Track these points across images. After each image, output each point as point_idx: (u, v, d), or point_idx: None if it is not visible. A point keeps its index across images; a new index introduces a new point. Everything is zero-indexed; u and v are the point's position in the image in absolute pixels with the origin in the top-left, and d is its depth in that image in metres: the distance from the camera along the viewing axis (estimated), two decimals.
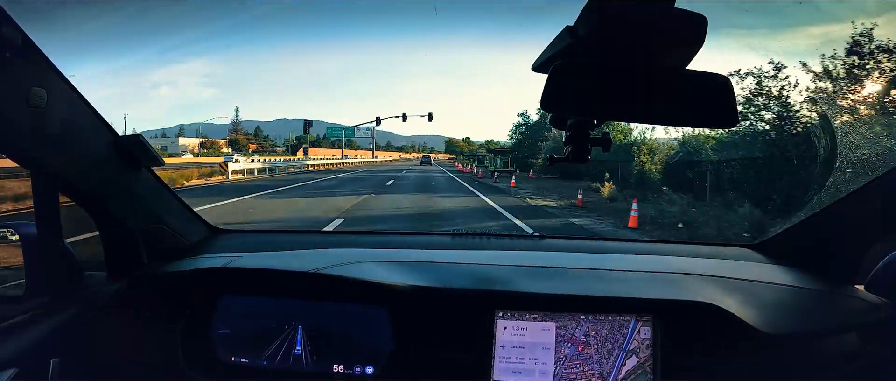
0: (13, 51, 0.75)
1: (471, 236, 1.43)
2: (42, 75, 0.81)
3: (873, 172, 1.10)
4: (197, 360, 1.02)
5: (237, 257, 1.16)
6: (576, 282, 1.06)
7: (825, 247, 1.18)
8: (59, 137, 0.86)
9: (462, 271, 1.11)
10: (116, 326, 1.04)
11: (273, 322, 1.03)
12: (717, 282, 1.09)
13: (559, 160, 0.80)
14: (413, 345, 1.00)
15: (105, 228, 1.06)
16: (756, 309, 1.00)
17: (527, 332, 0.98)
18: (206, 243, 1.30)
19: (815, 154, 4.51)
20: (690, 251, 1.40)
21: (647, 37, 0.64)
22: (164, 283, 1.07)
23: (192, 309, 1.04)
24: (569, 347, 0.98)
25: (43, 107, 0.81)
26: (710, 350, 0.98)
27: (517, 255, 1.28)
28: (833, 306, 1.09)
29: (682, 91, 0.64)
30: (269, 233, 1.74)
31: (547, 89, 0.62)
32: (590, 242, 1.54)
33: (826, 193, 1.37)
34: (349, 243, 1.43)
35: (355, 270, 1.06)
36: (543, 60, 0.70)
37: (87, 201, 0.98)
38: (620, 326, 0.98)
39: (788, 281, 1.14)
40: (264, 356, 1.02)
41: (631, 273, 1.13)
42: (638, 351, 0.98)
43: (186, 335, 1.03)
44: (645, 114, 0.67)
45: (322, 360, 1.01)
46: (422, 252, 1.28)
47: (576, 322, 0.98)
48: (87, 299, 1.03)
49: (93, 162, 0.93)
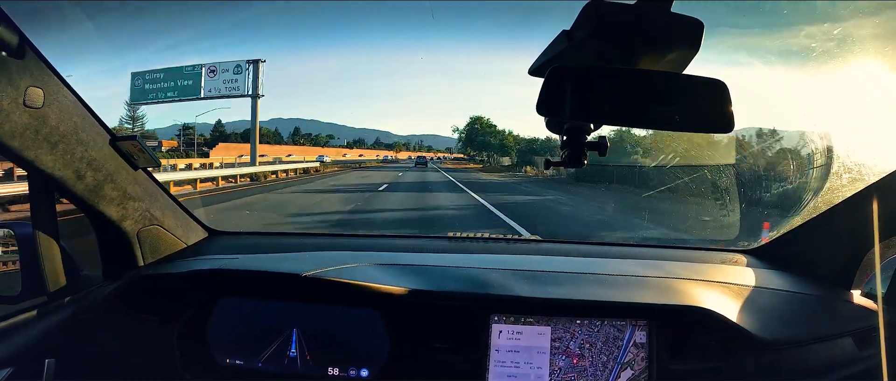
0: (10, 51, 0.75)
1: (467, 239, 1.43)
2: (39, 76, 0.81)
3: (869, 178, 1.11)
4: (192, 361, 1.02)
5: (233, 259, 1.16)
6: (572, 286, 1.06)
7: (820, 252, 1.19)
8: (56, 137, 0.85)
9: (458, 274, 1.11)
10: (112, 327, 1.03)
11: (269, 325, 1.03)
12: (712, 287, 1.09)
13: (555, 164, 0.81)
14: (408, 348, 0.99)
15: (101, 229, 1.06)
16: (751, 314, 1.00)
17: (522, 336, 0.98)
18: (202, 245, 1.30)
19: (811, 160, 4.51)
20: (687, 256, 1.41)
21: (644, 41, 0.64)
22: (159, 284, 1.07)
23: (188, 311, 1.04)
24: (563, 359, 0.98)
25: (40, 107, 0.81)
26: (705, 356, 0.98)
27: (513, 259, 1.28)
28: (828, 312, 1.10)
29: (679, 96, 0.64)
30: (266, 235, 1.74)
31: (543, 93, 0.62)
32: (586, 246, 1.54)
33: (821, 198, 1.37)
34: (346, 246, 1.43)
35: (352, 273, 1.06)
36: (540, 64, 0.70)
37: (84, 202, 0.98)
38: (616, 333, 0.98)
39: (784, 286, 1.14)
40: (260, 358, 1.02)
41: (627, 278, 1.13)
42: (633, 363, 0.98)
43: (182, 336, 1.02)
44: (641, 118, 0.67)
45: (318, 362, 1.01)
46: (418, 256, 1.28)
47: (571, 329, 0.98)
48: (82, 300, 1.03)
49: (89, 163, 0.93)
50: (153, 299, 1.06)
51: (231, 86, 21.82)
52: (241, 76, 21.85)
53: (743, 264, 1.30)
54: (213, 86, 21.94)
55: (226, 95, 22.07)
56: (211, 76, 21.99)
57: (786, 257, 1.27)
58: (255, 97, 21.76)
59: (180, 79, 22.20)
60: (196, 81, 22.05)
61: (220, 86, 21.92)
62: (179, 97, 22.48)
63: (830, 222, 1.16)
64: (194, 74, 22.13)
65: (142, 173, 1.07)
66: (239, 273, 1.07)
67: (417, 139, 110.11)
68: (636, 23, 0.64)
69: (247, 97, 22.04)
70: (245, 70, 21.82)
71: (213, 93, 21.95)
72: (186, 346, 1.02)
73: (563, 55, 0.67)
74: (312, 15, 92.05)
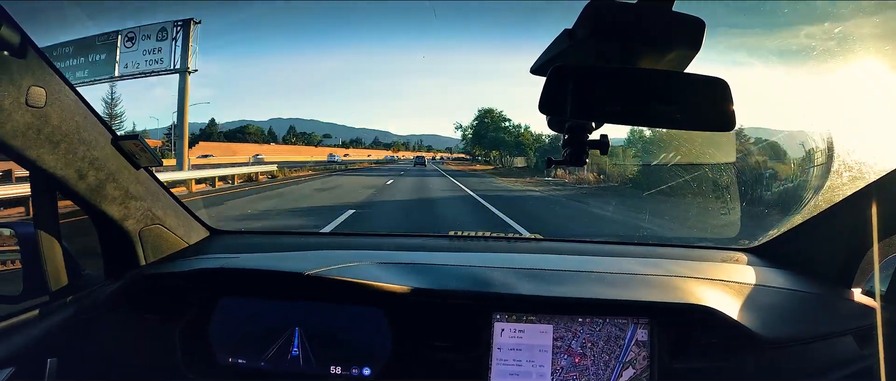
0: (12, 50, 0.75)
1: (468, 237, 1.43)
2: (41, 75, 0.81)
3: (869, 177, 1.11)
4: (194, 361, 1.02)
5: (235, 258, 1.16)
6: (573, 285, 1.07)
7: (821, 251, 1.19)
8: (58, 136, 0.86)
9: (460, 272, 1.11)
10: (114, 327, 1.03)
11: (271, 324, 1.03)
12: (713, 285, 1.10)
13: (557, 163, 0.81)
14: (410, 347, 1.00)
15: (103, 228, 1.06)
16: (752, 313, 1.01)
17: (524, 334, 0.98)
18: (204, 244, 1.30)
19: (811, 158, 4.49)
20: (688, 254, 1.41)
21: (645, 40, 0.64)
22: (161, 284, 1.07)
23: (191, 310, 1.04)
24: (565, 358, 0.98)
25: (42, 106, 0.81)
26: (706, 354, 0.98)
27: (515, 257, 1.28)
28: (829, 310, 1.10)
29: (680, 94, 0.64)
30: (267, 234, 1.74)
31: (545, 92, 0.62)
32: (588, 244, 1.54)
33: (822, 197, 1.37)
34: (348, 245, 1.43)
35: (353, 271, 1.06)
36: (541, 63, 0.70)
37: (86, 202, 0.98)
38: (617, 331, 0.99)
39: (785, 285, 1.15)
40: (262, 357, 1.02)
41: (628, 276, 1.13)
42: (634, 362, 0.98)
43: (184, 335, 1.03)
44: (643, 117, 0.67)
45: (320, 361, 1.01)
46: (419, 254, 1.28)
47: (573, 327, 0.98)
48: (84, 300, 1.03)
49: (91, 162, 0.93)
50: (155, 298, 1.06)
51: (153, 58, 14.58)
52: (167, 45, 14.66)
53: (744, 263, 1.30)
54: (132, 59, 15.05)
55: (146, 71, 14.89)
56: (128, 47, 14.87)
57: (787, 256, 1.28)
58: (183, 72, 14.49)
59: (92, 52, 15.30)
60: (111, 54, 15.19)
61: (140, 59, 14.67)
62: (90, 78, 15.29)
63: (831, 220, 1.16)
64: (108, 45, 15.27)
65: (144, 173, 1.07)
66: (241, 272, 1.07)
67: (417, 139, 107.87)
68: (637, 22, 0.64)
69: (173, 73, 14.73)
70: (171, 36, 14.76)
71: (132, 69, 15.22)
72: (188, 345, 1.02)
73: (564, 54, 0.67)
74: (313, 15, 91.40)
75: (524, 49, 72.89)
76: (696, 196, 7.98)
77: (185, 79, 14.56)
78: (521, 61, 53.14)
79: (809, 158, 2.11)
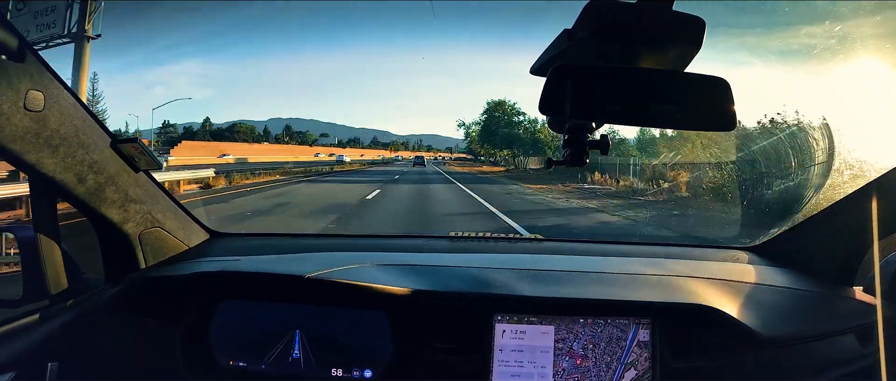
0: (10, 54, 0.75)
1: (470, 238, 1.43)
2: (39, 79, 0.80)
3: (870, 175, 1.11)
4: (195, 364, 1.01)
5: (236, 260, 1.15)
6: (575, 285, 1.06)
7: (822, 249, 1.19)
8: (57, 140, 0.85)
9: (461, 274, 1.11)
10: (114, 330, 1.03)
11: (272, 326, 1.02)
12: (714, 285, 1.09)
13: (557, 163, 0.81)
14: (412, 349, 0.99)
15: (103, 231, 1.06)
16: (753, 311, 1.01)
17: (526, 335, 0.98)
18: (204, 247, 1.29)
19: (812, 157, 4.42)
20: (688, 254, 1.41)
21: (645, 40, 0.64)
22: (162, 287, 1.07)
23: (191, 313, 1.04)
24: (567, 360, 0.98)
25: (40, 110, 0.81)
26: (707, 353, 0.98)
27: (516, 258, 1.28)
28: (830, 309, 1.10)
29: (681, 94, 0.64)
30: (268, 236, 1.74)
31: (545, 93, 0.62)
32: (589, 245, 1.54)
33: (823, 195, 1.37)
34: (348, 247, 1.42)
35: (354, 273, 1.06)
36: (541, 63, 0.70)
37: (85, 205, 0.98)
38: (619, 333, 0.98)
39: (786, 283, 1.14)
40: (263, 360, 1.01)
41: (629, 276, 1.13)
42: (636, 363, 0.98)
43: (185, 338, 1.02)
44: (643, 117, 0.67)
45: (321, 364, 1.01)
46: (420, 256, 1.27)
47: (575, 328, 0.98)
48: (85, 303, 1.03)
49: (90, 165, 0.93)
50: (155, 301, 1.05)
51: (44, 22, 10.88)
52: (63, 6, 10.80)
53: (745, 262, 1.30)
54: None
55: (36, 39, 10.51)
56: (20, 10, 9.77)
57: (787, 254, 1.27)
58: (81, 39, 10.92)
59: None
60: None
61: (31, 24, 10.99)
62: None
63: (832, 218, 1.16)
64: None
65: (143, 176, 1.07)
66: (241, 275, 1.07)
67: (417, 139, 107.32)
68: (637, 22, 0.64)
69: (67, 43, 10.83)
70: None
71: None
72: (189, 348, 1.02)
73: (564, 54, 0.67)
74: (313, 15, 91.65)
75: (524, 49, 73.01)
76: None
77: (84, 47, 10.82)
78: (520, 61, 52.69)
79: (810, 156, 2.11)
